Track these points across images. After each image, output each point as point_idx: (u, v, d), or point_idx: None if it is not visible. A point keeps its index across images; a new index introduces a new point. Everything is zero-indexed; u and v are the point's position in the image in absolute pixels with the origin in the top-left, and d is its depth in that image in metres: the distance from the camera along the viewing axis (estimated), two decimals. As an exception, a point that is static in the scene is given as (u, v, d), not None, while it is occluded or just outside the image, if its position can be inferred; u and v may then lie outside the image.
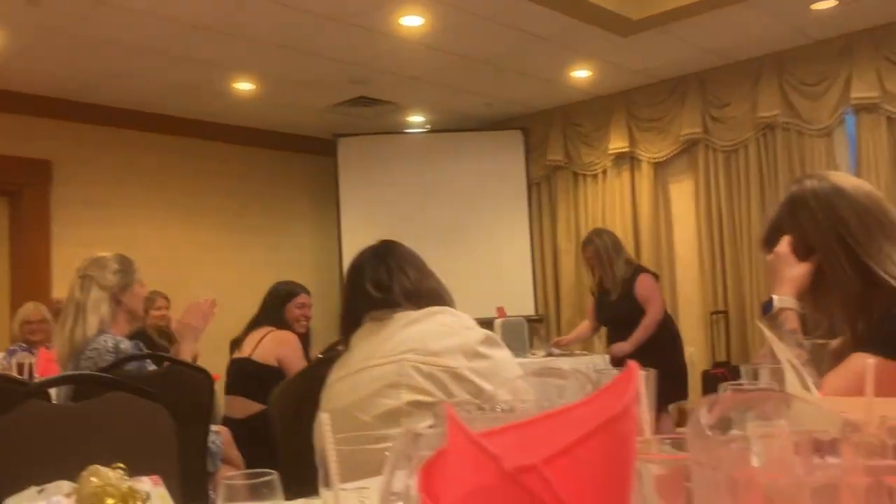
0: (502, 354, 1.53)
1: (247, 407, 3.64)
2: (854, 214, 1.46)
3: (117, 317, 2.78)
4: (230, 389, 3.87)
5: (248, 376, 3.70)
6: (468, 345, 1.49)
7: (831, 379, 1.31)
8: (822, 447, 0.52)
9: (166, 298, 5.38)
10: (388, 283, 1.63)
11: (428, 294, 1.64)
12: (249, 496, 0.95)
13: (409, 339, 1.51)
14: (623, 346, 4.60)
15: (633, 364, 0.46)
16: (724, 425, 0.54)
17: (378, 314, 1.61)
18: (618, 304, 4.69)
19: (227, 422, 3.65)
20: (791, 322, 1.45)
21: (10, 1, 4.27)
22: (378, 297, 1.62)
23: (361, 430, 1.49)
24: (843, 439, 0.52)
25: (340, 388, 1.57)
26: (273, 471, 0.94)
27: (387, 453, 0.96)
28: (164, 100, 6.21)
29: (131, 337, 5.06)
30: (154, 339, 4.97)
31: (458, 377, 1.44)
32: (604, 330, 5.09)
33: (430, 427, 0.83)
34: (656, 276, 4.87)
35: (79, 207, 6.18)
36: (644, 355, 4.46)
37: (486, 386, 1.46)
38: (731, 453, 0.51)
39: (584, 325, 5.10)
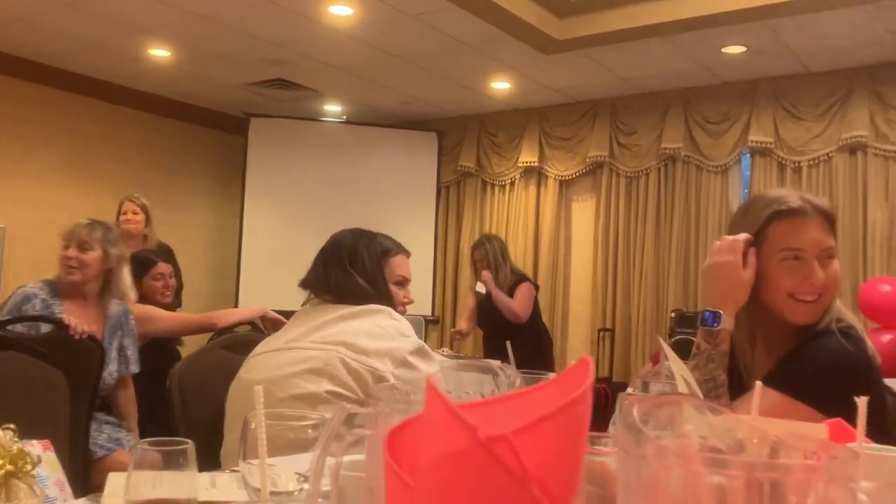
0: (430, 368, 1.55)
1: None
2: None
3: None
4: None
5: None
6: (399, 352, 1.51)
7: (740, 407, 1.35)
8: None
9: (139, 205, 4.50)
10: (322, 272, 1.65)
11: (352, 292, 1.65)
12: (163, 464, 0.94)
13: (342, 331, 1.52)
14: (483, 287, 4.83)
15: (586, 357, 0.50)
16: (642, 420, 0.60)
17: (320, 299, 1.63)
18: (498, 311, 4.80)
19: None
20: (725, 344, 1.43)
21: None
22: (317, 283, 1.64)
23: (273, 407, 1.49)
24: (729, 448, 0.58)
25: (262, 361, 1.57)
26: (188, 440, 0.94)
27: (310, 431, 0.97)
28: (73, 55, 5.93)
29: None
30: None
31: (380, 380, 1.46)
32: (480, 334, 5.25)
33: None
34: (537, 288, 5.05)
35: (-34, 157, 5.84)
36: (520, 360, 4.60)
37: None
38: (659, 447, 0.56)
39: (467, 317, 5.12)
